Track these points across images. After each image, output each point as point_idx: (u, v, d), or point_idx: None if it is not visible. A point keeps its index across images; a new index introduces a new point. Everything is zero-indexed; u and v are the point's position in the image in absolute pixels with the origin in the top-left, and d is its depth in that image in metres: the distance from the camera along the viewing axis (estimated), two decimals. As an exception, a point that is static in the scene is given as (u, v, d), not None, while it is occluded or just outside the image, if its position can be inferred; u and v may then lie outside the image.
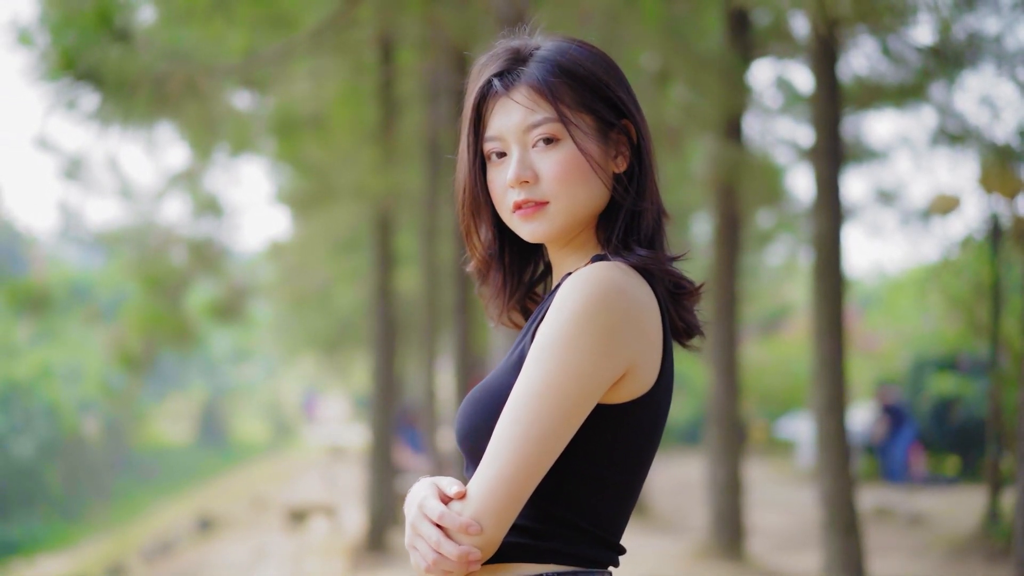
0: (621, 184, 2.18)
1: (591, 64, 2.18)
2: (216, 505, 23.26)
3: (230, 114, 11.28)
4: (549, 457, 1.99)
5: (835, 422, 8.50)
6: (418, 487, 2.09)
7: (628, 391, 2.06)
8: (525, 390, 1.99)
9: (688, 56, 9.89)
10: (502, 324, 2.43)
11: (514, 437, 1.97)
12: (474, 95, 2.20)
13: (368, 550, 12.65)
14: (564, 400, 1.97)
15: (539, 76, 2.14)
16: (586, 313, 1.98)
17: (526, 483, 1.97)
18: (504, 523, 1.98)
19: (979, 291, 13.24)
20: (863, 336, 24.72)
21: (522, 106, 2.14)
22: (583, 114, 2.14)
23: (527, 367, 2.01)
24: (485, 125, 2.20)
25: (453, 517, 1.96)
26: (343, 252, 20.23)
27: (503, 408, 2.03)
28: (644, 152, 2.20)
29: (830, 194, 8.58)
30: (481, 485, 1.98)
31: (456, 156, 2.31)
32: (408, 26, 10.43)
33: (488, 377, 2.18)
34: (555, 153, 2.12)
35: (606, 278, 2.02)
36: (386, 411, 13.22)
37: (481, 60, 2.24)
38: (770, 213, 19.10)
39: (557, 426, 1.98)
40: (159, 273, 15.31)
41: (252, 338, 37.97)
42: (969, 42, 10.15)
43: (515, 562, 2.06)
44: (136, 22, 6.33)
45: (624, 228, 2.17)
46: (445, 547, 1.95)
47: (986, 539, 12.07)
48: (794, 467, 22.23)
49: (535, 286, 2.40)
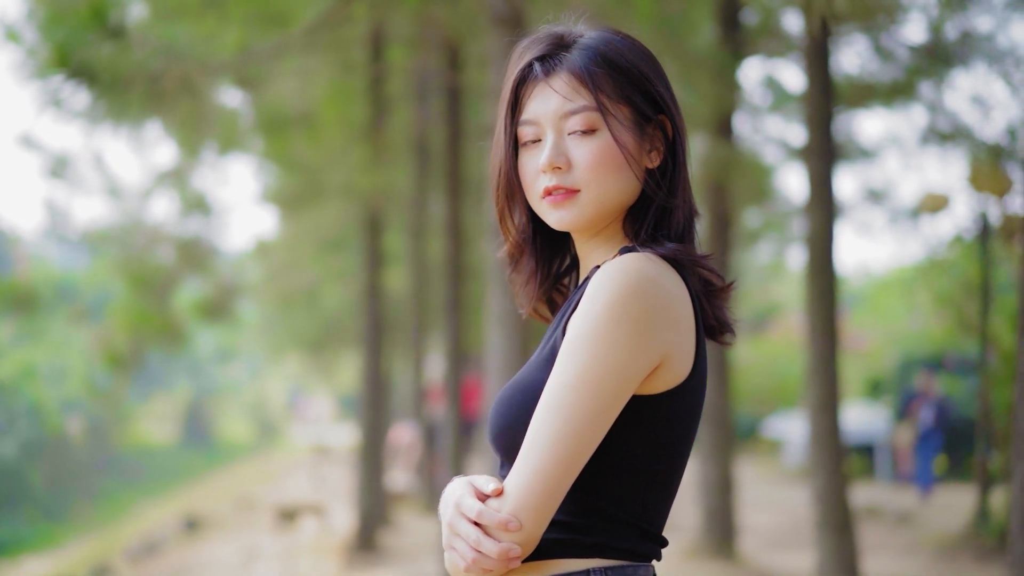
0: (653, 179, 2.16)
1: (633, 56, 2.16)
2: (202, 505, 23.18)
3: (220, 112, 11.23)
4: (586, 450, 1.97)
5: (828, 421, 8.49)
6: (452, 487, 2.07)
7: (663, 381, 2.04)
8: (560, 383, 1.97)
9: (680, 54, 9.87)
10: (531, 314, 2.41)
11: (550, 431, 1.95)
12: (514, 77, 2.18)
13: (358, 549, 12.62)
14: (600, 392, 1.96)
15: (581, 64, 2.12)
16: (619, 304, 1.97)
17: (564, 477, 1.96)
18: (543, 518, 1.96)
19: (968, 290, 13.28)
20: (850, 335, 24.76)
21: (561, 92, 2.12)
22: (622, 105, 2.12)
23: (561, 360, 1.99)
24: (522, 108, 2.17)
25: (492, 514, 1.95)
26: (330, 251, 20.20)
27: (538, 403, 2.01)
28: (679, 149, 2.18)
29: (823, 193, 8.57)
30: (518, 481, 1.96)
31: (492, 139, 2.27)
32: (400, 23, 10.40)
33: (519, 373, 2.16)
34: (590, 142, 2.10)
35: (638, 268, 2.00)
36: (375, 410, 13.18)
37: (523, 43, 2.22)
38: (757, 212, 19.13)
39: (593, 418, 1.96)
40: (146, 272, 15.22)
41: (237, 338, 37.86)
42: (961, 41, 10.17)
43: (557, 558, 2.04)
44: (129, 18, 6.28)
45: (654, 223, 2.16)
46: (485, 545, 1.93)
47: (976, 538, 12.08)
48: (782, 466, 22.25)
49: (563, 277, 2.37)
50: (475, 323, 14.27)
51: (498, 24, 6.71)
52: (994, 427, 12.43)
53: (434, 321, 18.80)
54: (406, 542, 13.60)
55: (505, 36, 6.50)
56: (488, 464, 6.88)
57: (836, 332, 8.61)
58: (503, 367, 6.72)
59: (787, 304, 32.00)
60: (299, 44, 6.84)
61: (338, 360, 29.48)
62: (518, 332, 6.79)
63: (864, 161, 15.61)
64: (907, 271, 23.10)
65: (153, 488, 31.30)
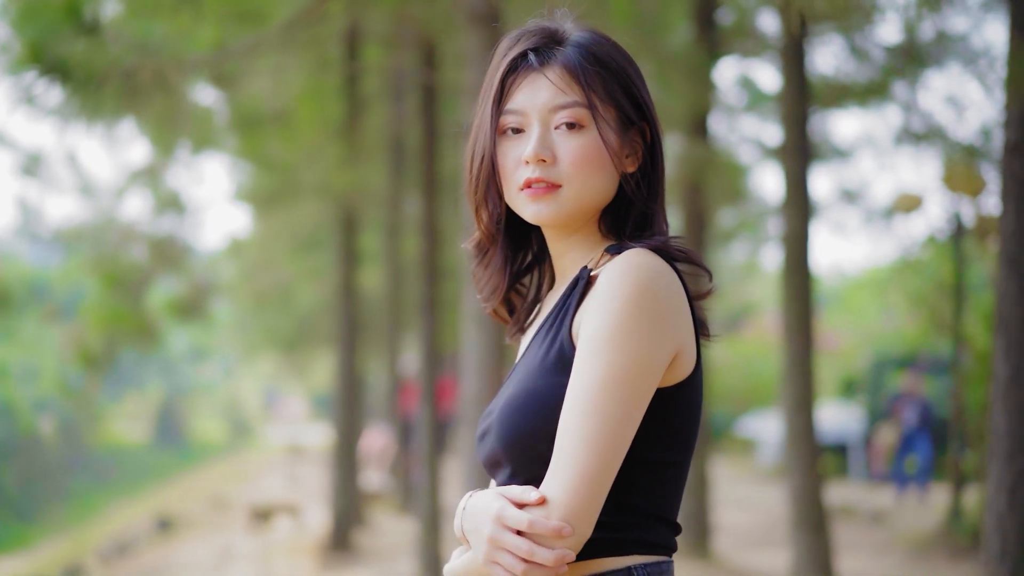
0: (628, 184, 2.17)
1: (623, 60, 2.18)
2: (175, 505, 23.06)
3: (194, 110, 11.17)
4: (624, 447, 1.98)
5: (804, 420, 8.54)
6: (481, 501, 2.05)
7: (677, 373, 2.07)
8: (589, 385, 1.97)
9: (655, 53, 9.88)
10: (490, 314, 2.39)
11: (589, 434, 1.95)
12: (504, 65, 2.17)
13: (333, 549, 12.59)
14: (632, 388, 1.97)
15: (576, 60, 2.12)
16: (639, 299, 1.99)
17: (608, 476, 1.97)
18: (592, 520, 1.97)
19: (941, 289, 13.34)
20: (824, 335, 24.84)
21: (554, 85, 2.11)
22: (609, 106, 2.13)
23: (586, 361, 1.99)
24: (508, 97, 2.16)
25: (543, 523, 1.93)
26: (305, 250, 20.14)
27: (554, 408, 2.02)
28: (658, 156, 2.20)
29: (799, 192, 8.61)
30: (563, 486, 1.95)
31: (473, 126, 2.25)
32: (376, 21, 10.36)
33: (523, 380, 2.14)
34: (577, 138, 2.11)
35: (647, 263, 2.02)
36: (350, 410, 13.15)
37: (512, 34, 2.21)
38: (732, 212, 19.18)
39: (628, 416, 1.98)
40: (119, 271, 15.14)
41: (211, 337, 37.74)
42: (936, 41, 10.20)
43: (596, 558, 2.04)
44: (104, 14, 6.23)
45: (633, 226, 2.17)
46: (540, 555, 1.92)
47: (949, 537, 12.13)
48: (756, 465, 22.31)
49: (522, 276, 2.36)
50: (450, 323, 14.24)
51: (475, 22, 6.69)
52: (967, 426, 12.48)
53: (409, 320, 18.76)
54: (381, 542, 13.58)
55: (482, 34, 6.50)
56: (465, 464, 6.85)
57: (812, 332, 8.65)
58: (479, 367, 6.71)
59: (761, 304, 32.08)
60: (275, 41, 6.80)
61: (312, 359, 29.42)
62: (494, 332, 6.78)
63: (839, 161, 15.66)
64: (881, 271, 23.19)
65: (126, 488, 31.14)
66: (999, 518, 4.86)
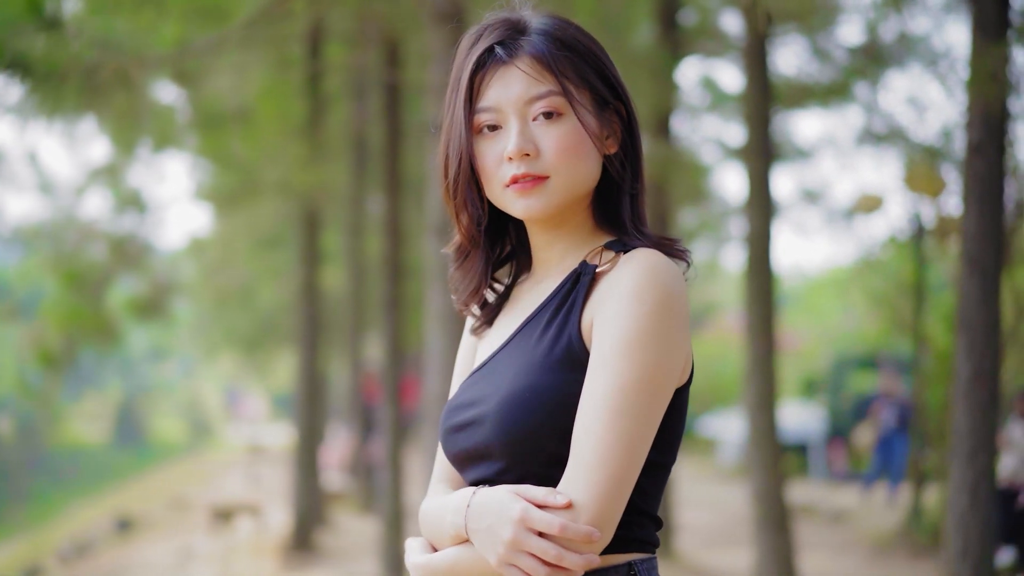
0: (612, 166, 2.14)
1: (588, 42, 2.14)
2: (135, 505, 22.91)
3: (155, 107, 11.10)
4: (647, 451, 1.97)
5: (766, 419, 8.56)
6: (495, 501, 1.98)
7: (682, 377, 2.07)
8: (617, 387, 1.94)
9: (618, 52, 9.88)
10: (461, 311, 2.34)
11: (618, 436, 1.92)
12: (470, 63, 2.12)
13: (295, 549, 12.55)
14: (659, 392, 1.97)
15: (543, 48, 2.08)
16: (667, 302, 1.98)
17: (633, 479, 1.95)
18: (615, 523, 1.94)
19: (902, 289, 13.41)
20: (784, 335, 24.96)
21: (527, 75, 2.07)
22: (584, 90, 2.10)
23: (611, 362, 1.96)
24: (479, 95, 2.11)
25: (575, 527, 1.89)
26: (266, 249, 20.06)
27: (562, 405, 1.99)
28: (636, 134, 2.18)
29: (761, 192, 8.63)
30: (592, 489, 1.91)
31: (443, 129, 2.19)
32: (339, 19, 10.32)
33: (525, 376, 2.07)
34: (557, 127, 2.07)
35: (669, 268, 2.02)
36: (311, 409, 13.10)
37: (472, 30, 2.17)
38: (694, 212, 19.22)
39: (654, 419, 1.97)
40: (79, 270, 15.04)
41: (171, 336, 37.52)
42: (897, 42, 10.26)
43: (603, 554, 2.00)
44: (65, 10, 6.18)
45: (627, 216, 2.16)
46: (568, 559, 1.88)
47: (909, 536, 12.20)
48: (717, 465, 22.39)
49: (498, 269, 2.32)
50: (413, 322, 14.21)
51: (438, 20, 6.66)
52: (928, 426, 12.56)
53: (371, 320, 18.70)
54: (342, 542, 13.54)
55: (445, 32, 6.47)
56: (428, 461, 6.82)
57: (774, 332, 8.68)
58: (442, 366, 6.68)
59: (723, 304, 32.20)
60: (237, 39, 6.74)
61: (273, 359, 29.27)
62: (458, 330, 6.75)
63: (800, 161, 15.72)
64: (842, 271, 23.33)
65: (85, 488, 30.93)
66: (960, 517, 4.89)
